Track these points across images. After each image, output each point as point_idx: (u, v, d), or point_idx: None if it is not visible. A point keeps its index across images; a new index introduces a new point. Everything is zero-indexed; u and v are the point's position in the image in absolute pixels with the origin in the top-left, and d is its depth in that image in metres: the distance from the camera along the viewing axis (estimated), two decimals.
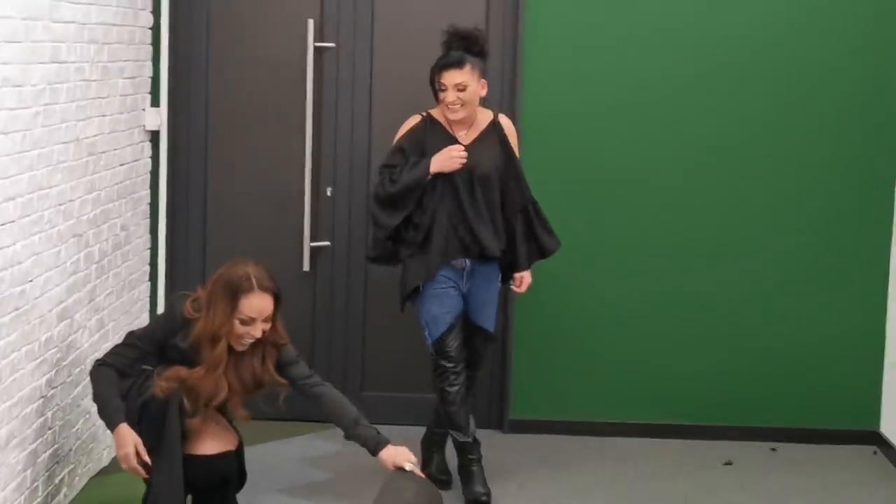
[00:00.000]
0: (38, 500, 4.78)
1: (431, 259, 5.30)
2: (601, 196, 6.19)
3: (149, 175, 6.12)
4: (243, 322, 4.64)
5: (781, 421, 6.26)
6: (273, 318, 4.71)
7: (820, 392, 6.26)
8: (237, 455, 4.86)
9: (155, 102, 6.10)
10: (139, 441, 4.57)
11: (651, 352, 6.26)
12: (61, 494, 5.05)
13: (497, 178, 5.34)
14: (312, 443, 6.07)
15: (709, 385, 6.27)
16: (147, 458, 4.56)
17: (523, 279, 5.49)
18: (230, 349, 4.67)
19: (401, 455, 4.64)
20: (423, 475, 4.66)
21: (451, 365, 5.32)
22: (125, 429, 4.58)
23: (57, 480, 4.98)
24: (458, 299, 5.35)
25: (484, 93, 5.36)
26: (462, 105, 5.24)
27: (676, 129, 6.16)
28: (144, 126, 6.04)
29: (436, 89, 5.28)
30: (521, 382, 6.27)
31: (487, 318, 5.46)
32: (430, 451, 5.68)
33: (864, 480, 5.77)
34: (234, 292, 4.63)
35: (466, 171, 5.27)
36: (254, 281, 4.64)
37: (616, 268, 6.22)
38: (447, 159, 5.25)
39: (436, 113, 5.39)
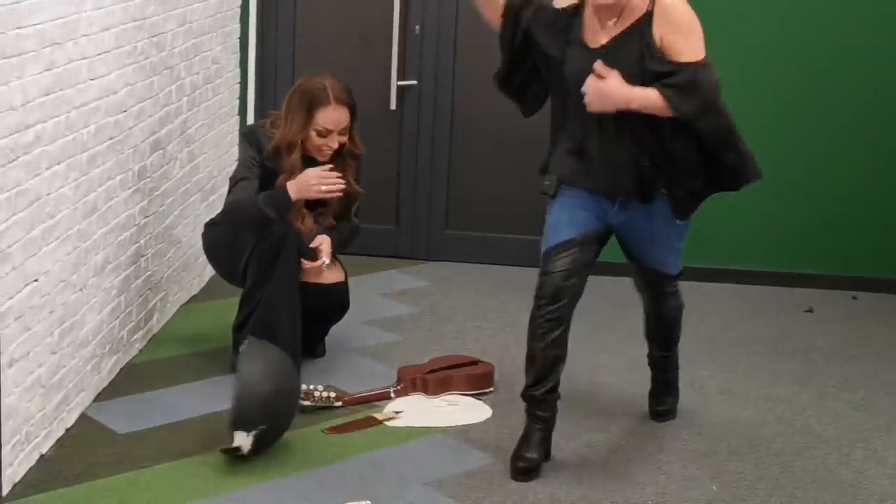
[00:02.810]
0: (132, 324, 4.94)
1: (551, 174, 4.31)
2: None
3: (239, 9, 6.14)
4: (320, 134, 4.76)
5: (863, 270, 6.25)
6: (350, 131, 4.82)
7: None
8: (346, 287, 5.00)
9: None
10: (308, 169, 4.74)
11: (734, 199, 6.20)
12: (154, 319, 5.20)
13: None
14: (398, 277, 6.17)
15: (792, 232, 6.26)
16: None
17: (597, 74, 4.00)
18: (313, 163, 4.80)
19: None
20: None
21: (543, 301, 4.19)
22: (291, 184, 4.70)
23: (150, 306, 5.13)
24: (589, 219, 4.19)
25: None
26: None
27: None
28: None
29: None
30: None
31: (659, 259, 4.36)
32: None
33: None
34: (311, 103, 4.75)
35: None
36: (330, 93, 4.75)
37: None
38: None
39: None
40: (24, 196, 3.87)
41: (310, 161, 4.82)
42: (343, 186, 4.76)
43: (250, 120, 6.23)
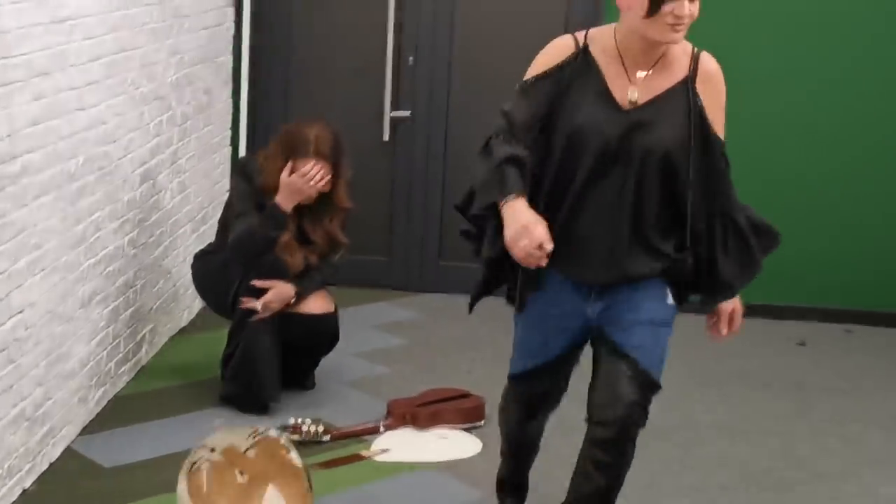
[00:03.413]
0: (120, 355, 4.90)
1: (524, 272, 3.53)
2: None
3: (231, 40, 6.13)
4: None
5: (857, 303, 6.22)
6: (335, 182, 4.78)
7: None
8: (335, 318, 4.97)
9: None
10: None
11: None
12: (143, 351, 5.17)
13: (677, 162, 3.45)
14: (389, 309, 6.14)
15: (785, 265, 6.21)
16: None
17: (732, 314, 3.70)
18: (302, 212, 4.79)
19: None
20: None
21: (513, 407, 3.81)
22: (280, 197, 4.71)
23: (138, 338, 5.10)
24: (561, 336, 3.59)
25: None
26: (690, 21, 3.40)
27: (781, 8, 6.05)
28: None
29: None
30: None
31: (642, 345, 3.50)
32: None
33: None
34: (290, 152, 4.75)
35: (617, 144, 3.40)
36: (311, 147, 4.73)
37: None
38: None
39: (601, 36, 3.49)
40: (9, 227, 3.84)
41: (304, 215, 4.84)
42: (329, 175, 4.73)
43: (242, 150, 6.20)
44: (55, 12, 4.08)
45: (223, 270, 4.80)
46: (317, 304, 4.88)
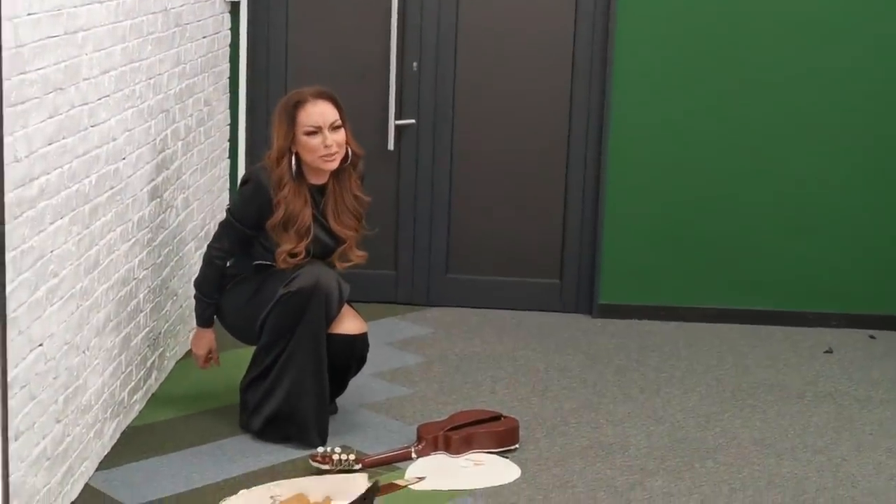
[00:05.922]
0: (132, 383, 4.64)
1: None
2: (699, 80, 5.91)
3: (228, 48, 5.88)
4: (309, 133, 4.50)
5: (881, 308, 6.05)
6: (344, 127, 4.57)
7: None
8: (367, 337, 4.72)
9: None
10: (214, 346, 4.75)
11: (749, 237, 6.03)
12: (152, 378, 4.91)
13: None
14: (399, 325, 5.90)
15: (807, 271, 6.06)
16: (218, 363, 4.80)
17: None
18: (324, 191, 4.61)
19: None
20: None
21: None
22: (203, 332, 4.72)
23: (148, 364, 4.84)
24: None
25: None
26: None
27: (782, 7, 5.87)
28: None
29: None
30: (612, 265, 6.06)
31: None
32: None
33: None
34: (291, 108, 4.54)
35: None
36: (307, 93, 4.58)
37: (714, 152, 5.96)
38: None
39: None
40: (29, 254, 3.58)
41: (318, 191, 4.59)
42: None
43: (241, 162, 5.95)
44: (69, 23, 3.82)
45: (253, 300, 4.54)
46: (351, 325, 4.63)
